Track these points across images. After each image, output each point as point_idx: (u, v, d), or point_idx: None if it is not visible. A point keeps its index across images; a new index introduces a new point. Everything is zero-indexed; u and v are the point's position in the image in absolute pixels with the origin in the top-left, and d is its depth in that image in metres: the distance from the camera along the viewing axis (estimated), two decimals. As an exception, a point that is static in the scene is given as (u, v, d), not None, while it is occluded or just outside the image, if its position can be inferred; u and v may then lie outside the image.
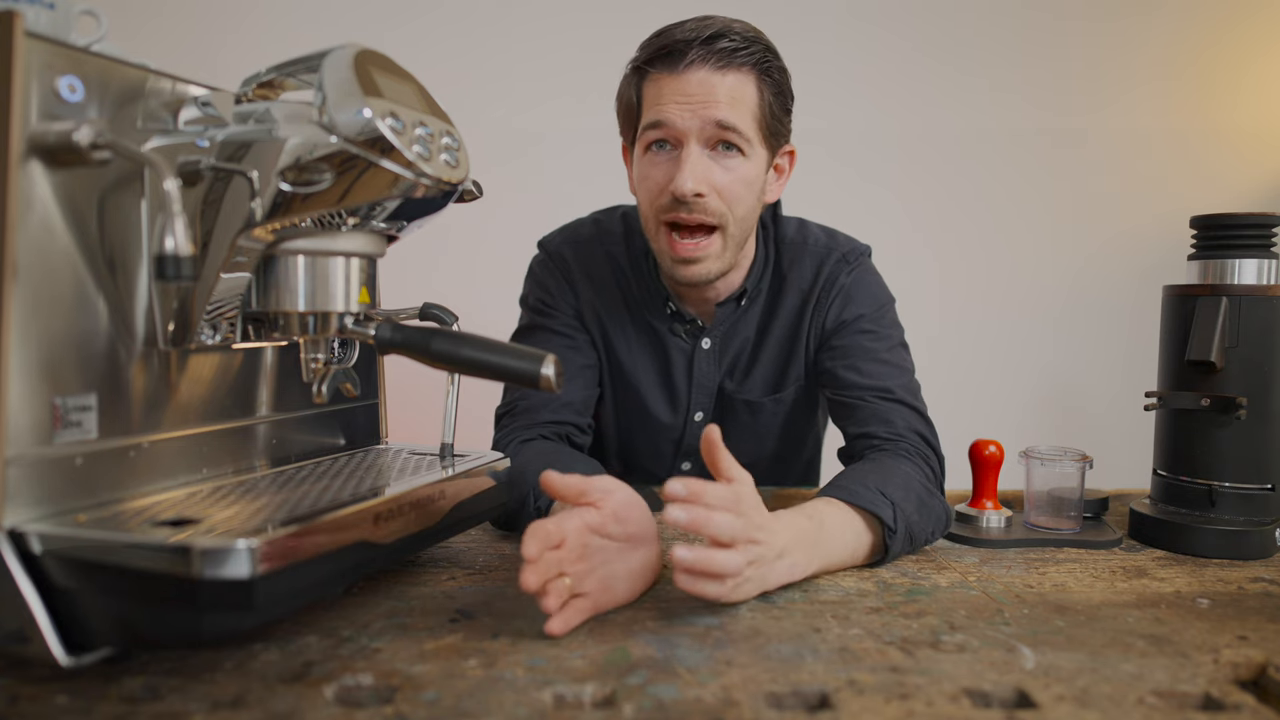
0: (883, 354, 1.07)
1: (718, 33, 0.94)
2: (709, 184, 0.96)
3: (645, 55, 0.98)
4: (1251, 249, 0.94)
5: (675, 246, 0.99)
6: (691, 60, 0.94)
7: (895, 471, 0.90)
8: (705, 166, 0.96)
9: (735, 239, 1.01)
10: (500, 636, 0.66)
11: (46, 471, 0.56)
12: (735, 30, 0.96)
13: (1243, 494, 0.93)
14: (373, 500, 0.66)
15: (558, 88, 2.07)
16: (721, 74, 0.94)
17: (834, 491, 0.86)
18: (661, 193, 0.98)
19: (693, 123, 0.94)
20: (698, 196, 0.96)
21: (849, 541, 0.83)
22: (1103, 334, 2.17)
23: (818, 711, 0.56)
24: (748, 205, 1.00)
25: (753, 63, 0.96)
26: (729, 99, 0.94)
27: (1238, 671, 0.63)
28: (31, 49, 0.55)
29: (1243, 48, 2.13)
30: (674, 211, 0.97)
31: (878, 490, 0.85)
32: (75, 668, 0.56)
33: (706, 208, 0.97)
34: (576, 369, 1.10)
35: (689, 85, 0.94)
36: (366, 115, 0.60)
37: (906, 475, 0.90)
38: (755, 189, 1.00)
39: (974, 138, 2.14)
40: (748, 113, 0.96)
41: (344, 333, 0.69)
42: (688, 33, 0.95)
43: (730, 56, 0.94)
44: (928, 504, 0.89)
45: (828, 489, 0.87)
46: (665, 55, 0.95)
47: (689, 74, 0.94)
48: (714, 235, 0.99)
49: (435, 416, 0.87)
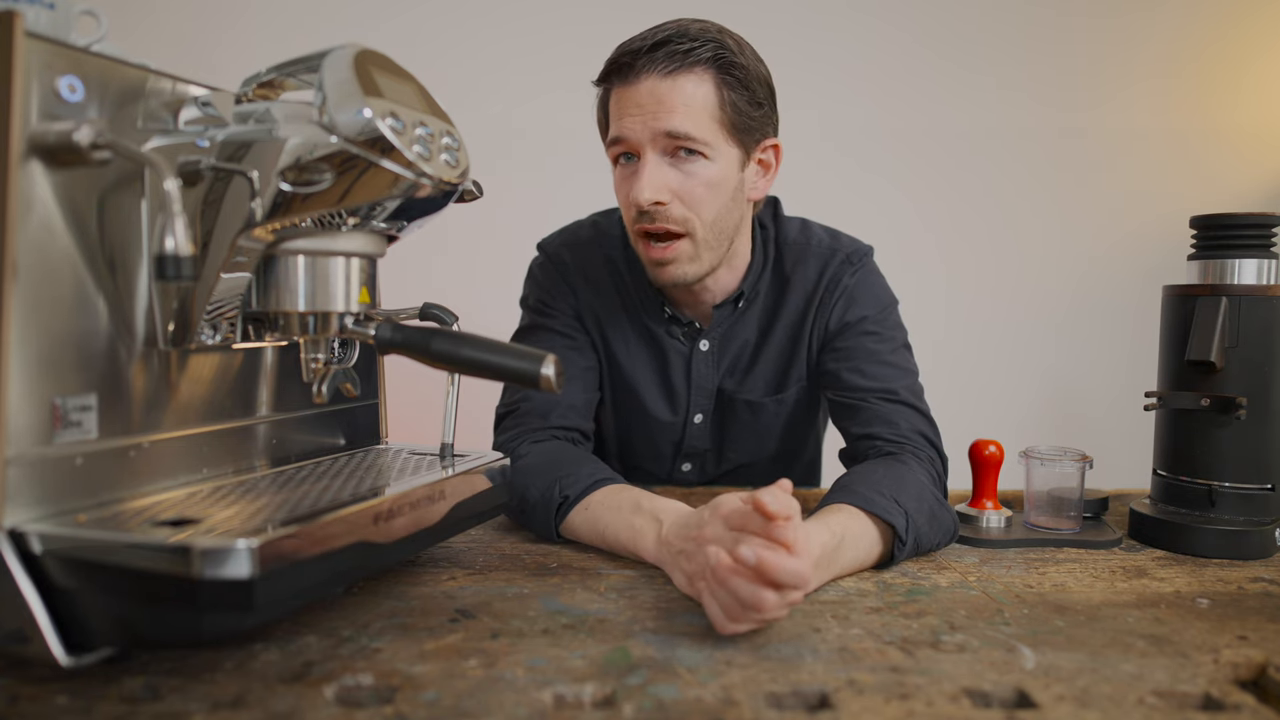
0: (887, 355, 1.07)
1: (666, 38, 0.94)
2: (668, 191, 0.96)
3: (604, 70, 0.98)
4: (1251, 249, 0.94)
5: (649, 250, 1.00)
6: (640, 70, 0.94)
7: (910, 480, 0.90)
8: (662, 175, 0.95)
9: (708, 241, 1.00)
10: (500, 636, 0.66)
11: (46, 471, 0.56)
12: (688, 32, 0.94)
13: (1243, 494, 0.93)
14: (373, 500, 0.66)
15: (558, 87, 2.07)
16: (671, 79, 0.93)
17: (852, 498, 0.85)
18: (631, 205, 0.98)
19: (644, 134, 0.94)
20: (657, 205, 0.96)
21: (860, 555, 0.82)
22: (1102, 334, 2.17)
23: (818, 711, 0.56)
24: (716, 207, 0.99)
25: (705, 60, 0.94)
26: (682, 104, 0.93)
27: (1238, 671, 0.63)
28: (31, 49, 0.55)
29: (1244, 47, 2.13)
30: (641, 222, 0.98)
31: (893, 499, 0.85)
32: (75, 668, 0.56)
33: (669, 215, 0.97)
34: (578, 370, 1.10)
35: (639, 96, 0.94)
36: (367, 115, 0.60)
37: (920, 485, 0.90)
38: (724, 190, 0.99)
39: (978, 135, 2.14)
40: (704, 114, 0.95)
41: (344, 333, 0.69)
42: (636, 43, 0.95)
43: (681, 59, 0.93)
44: (938, 516, 0.89)
45: (844, 494, 0.86)
46: (619, 69, 0.96)
47: (639, 84, 0.94)
48: (682, 240, 0.99)
49: (435, 416, 0.87)
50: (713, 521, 0.74)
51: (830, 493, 0.89)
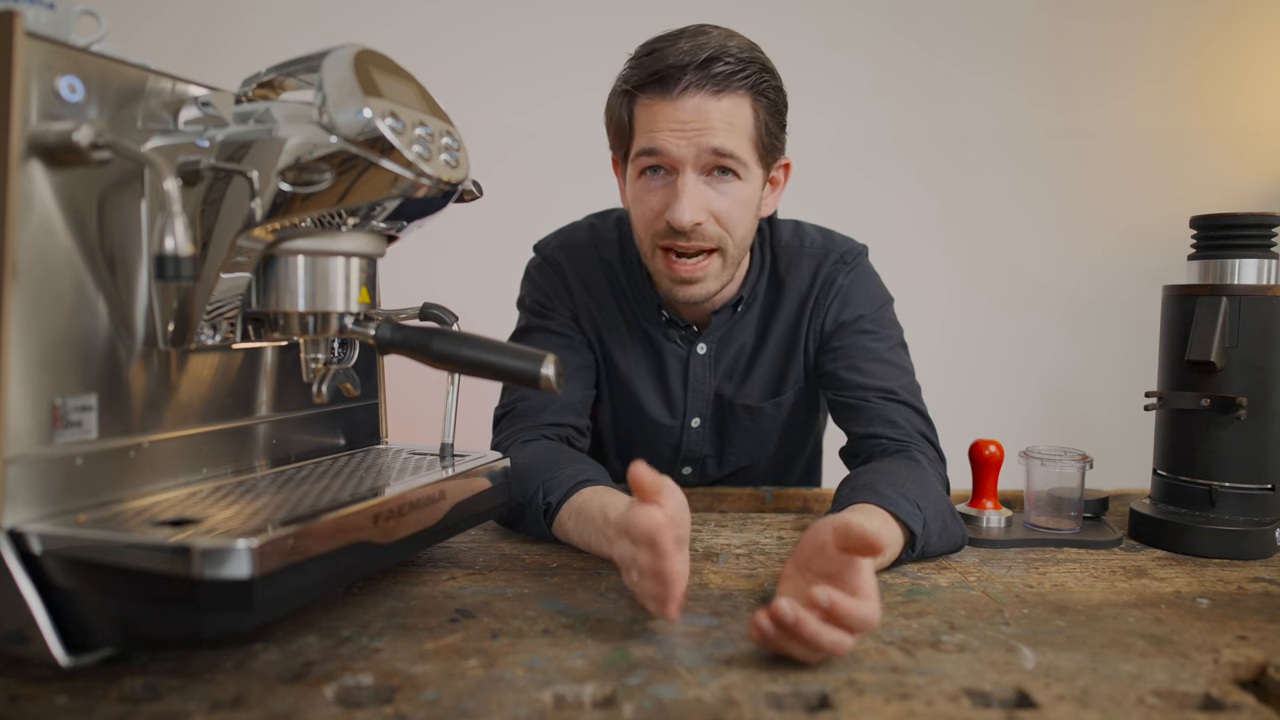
0: (884, 354, 1.07)
1: (712, 55, 0.91)
2: (707, 212, 0.95)
3: (637, 78, 0.94)
4: (1251, 249, 0.94)
5: (674, 267, 0.98)
6: (686, 86, 0.91)
7: (931, 486, 0.89)
8: (702, 195, 0.95)
9: (734, 258, 1.01)
10: (500, 636, 0.66)
11: (46, 471, 0.56)
12: (730, 51, 0.92)
13: (1243, 494, 0.93)
14: (373, 500, 0.66)
15: (558, 88, 2.07)
16: (717, 99, 0.92)
17: (880, 500, 0.84)
18: (657, 219, 0.97)
19: (688, 151, 0.92)
20: (695, 225, 0.95)
21: (884, 558, 0.81)
22: (1102, 334, 2.17)
23: (818, 711, 0.56)
24: (746, 226, 0.99)
25: (749, 85, 0.93)
26: (724, 124, 0.92)
27: (1238, 671, 0.63)
28: (31, 49, 0.55)
29: (1243, 47, 2.13)
30: (671, 239, 0.97)
31: (916, 504, 0.84)
32: (75, 668, 0.56)
33: (704, 234, 0.96)
34: (574, 369, 1.10)
35: (683, 113, 0.92)
36: (366, 115, 0.60)
37: (939, 493, 0.90)
38: (752, 209, 0.99)
39: (978, 137, 2.14)
40: (743, 136, 0.94)
41: (344, 333, 0.69)
42: (681, 56, 0.91)
43: (726, 81, 0.91)
44: (949, 528, 0.89)
45: (870, 494, 0.85)
46: (658, 80, 0.92)
47: (683, 100, 0.92)
48: (713, 255, 0.99)
49: (435, 416, 0.87)
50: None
51: (852, 490, 0.88)
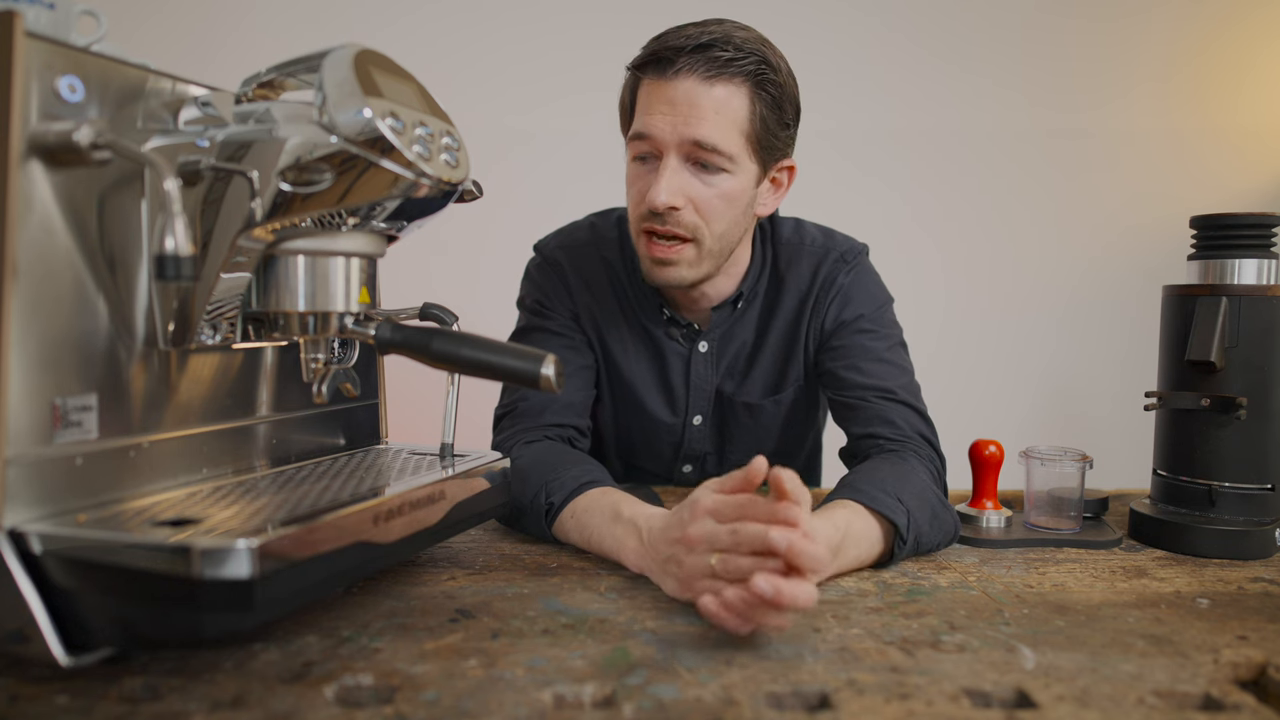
0: (883, 354, 1.07)
1: (713, 41, 0.92)
2: (685, 197, 0.95)
3: (641, 57, 0.96)
4: (1251, 249, 0.94)
5: (651, 247, 0.99)
6: (680, 68, 0.92)
7: (913, 478, 0.90)
8: (682, 180, 0.95)
9: (712, 252, 1.00)
10: (500, 636, 0.66)
11: (46, 471, 0.56)
12: (734, 39, 0.93)
13: (1243, 494, 0.93)
14: (373, 500, 0.66)
15: (559, 88, 2.07)
16: (709, 84, 0.92)
17: (855, 495, 0.85)
18: (641, 202, 0.98)
19: (671, 137, 0.93)
20: (671, 210, 0.95)
21: (863, 551, 0.82)
22: (1102, 334, 2.17)
23: (818, 711, 0.56)
24: (728, 220, 0.99)
25: (746, 74, 0.93)
26: (714, 111, 0.92)
27: (1238, 671, 0.63)
28: (31, 49, 0.55)
29: (1243, 47, 2.13)
30: (650, 221, 0.97)
31: (896, 497, 0.85)
32: (75, 668, 0.56)
33: (680, 220, 0.96)
34: (575, 369, 1.10)
35: (674, 94, 0.93)
36: (366, 115, 0.60)
37: (923, 484, 0.90)
38: (739, 204, 0.99)
39: (978, 137, 2.14)
40: (733, 126, 0.94)
41: (344, 333, 0.69)
42: (683, 39, 0.93)
43: (722, 66, 0.92)
44: (940, 516, 0.89)
45: (848, 491, 0.86)
46: (657, 61, 0.94)
47: (676, 82, 0.93)
48: (687, 244, 0.99)
49: (435, 416, 0.87)
50: (698, 520, 0.71)
51: (835, 490, 0.89)
